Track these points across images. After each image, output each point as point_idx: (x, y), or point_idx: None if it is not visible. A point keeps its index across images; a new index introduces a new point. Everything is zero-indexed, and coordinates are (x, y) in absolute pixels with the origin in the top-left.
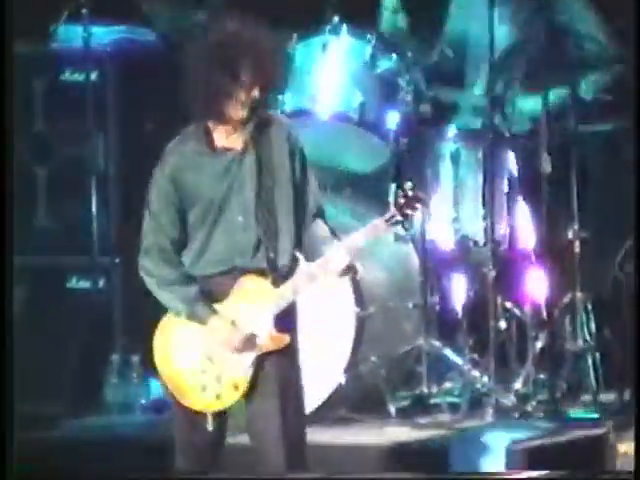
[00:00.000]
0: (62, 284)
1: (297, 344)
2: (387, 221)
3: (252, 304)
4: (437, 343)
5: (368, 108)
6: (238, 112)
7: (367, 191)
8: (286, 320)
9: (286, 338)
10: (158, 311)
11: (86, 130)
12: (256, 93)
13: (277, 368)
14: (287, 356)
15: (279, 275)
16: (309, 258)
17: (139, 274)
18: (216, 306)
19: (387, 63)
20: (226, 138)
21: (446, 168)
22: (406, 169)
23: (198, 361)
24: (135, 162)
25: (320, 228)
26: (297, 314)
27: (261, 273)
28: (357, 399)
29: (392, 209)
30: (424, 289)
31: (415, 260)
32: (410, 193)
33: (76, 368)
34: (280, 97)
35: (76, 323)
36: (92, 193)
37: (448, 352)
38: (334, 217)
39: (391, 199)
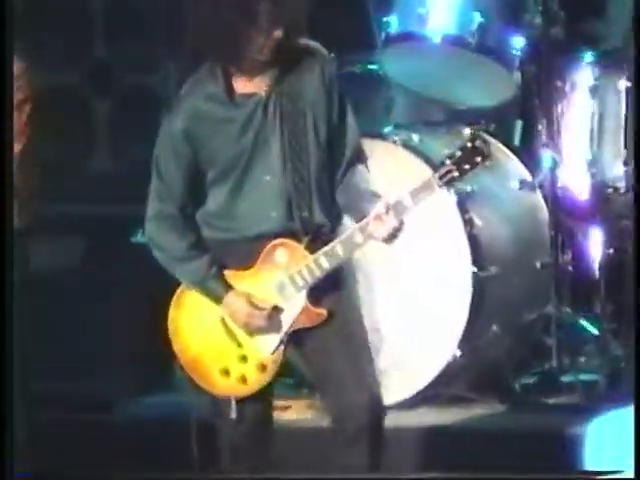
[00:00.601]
0: (126, 238)
1: (351, 318)
2: (441, 177)
3: (282, 273)
4: (570, 310)
5: (488, 31)
6: (257, 55)
7: (487, 129)
8: (327, 292)
9: (323, 313)
10: None
11: (156, 54)
12: (279, 33)
13: (319, 341)
14: (331, 332)
15: (315, 239)
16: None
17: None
18: (236, 277)
19: None
20: (247, 81)
21: (582, 102)
22: (533, 103)
23: (218, 340)
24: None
25: (360, 178)
26: (348, 282)
27: (293, 236)
28: (474, 375)
29: (447, 162)
30: (554, 246)
31: (544, 211)
32: (469, 144)
33: (142, 338)
34: (384, 19)
35: (143, 286)
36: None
37: (583, 321)
38: (444, 154)
39: (449, 151)
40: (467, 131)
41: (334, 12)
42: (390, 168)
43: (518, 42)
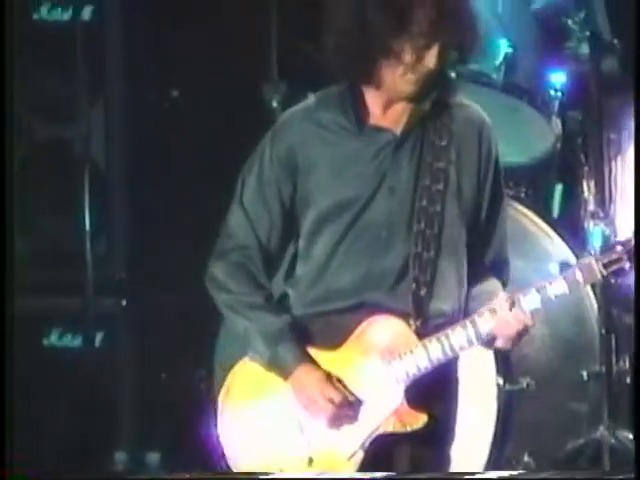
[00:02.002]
0: (38, 340)
1: (451, 429)
2: (606, 265)
3: (378, 357)
4: (628, 435)
5: (519, 64)
6: (399, 82)
7: (516, 195)
8: (431, 391)
9: (422, 418)
10: (188, 385)
11: (74, 98)
12: (431, 62)
13: (406, 460)
14: (425, 445)
15: (427, 324)
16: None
17: (206, 285)
18: (318, 357)
19: None
20: (381, 110)
21: None
22: (578, 160)
23: (277, 433)
24: (151, 149)
25: (491, 289)
26: (456, 383)
27: (402, 316)
28: None
29: (619, 249)
30: (606, 350)
31: (593, 305)
32: None
33: (63, 467)
34: None
35: (58, 403)
36: (84, 195)
37: None
38: None
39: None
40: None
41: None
42: None
43: (558, 79)
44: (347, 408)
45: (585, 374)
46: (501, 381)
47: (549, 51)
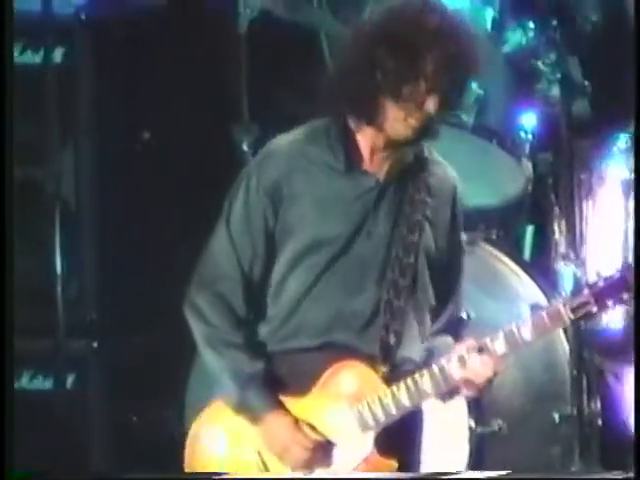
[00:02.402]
0: (7, 383)
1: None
2: (574, 310)
3: (346, 405)
4: (599, 478)
5: (489, 106)
6: (400, 125)
7: (488, 237)
8: (400, 437)
9: (391, 465)
10: (159, 427)
11: (45, 139)
12: (431, 109)
13: None
14: None
15: (395, 370)
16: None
17: (186, 312)
18: (290, 402)
19: (519, 36)
20: (369, 157)
21: (612, 200)
22: (549, 202)
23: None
24: (122, 191)
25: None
26: (422, 430)
27: (369, 361)
28: None
29: (586, 292)
30: (577, 392)
31: (563, 346)
32: (616, 274)
33: None
34: None
35: (29, 445)
36: (55, 237)
37: None
38: None
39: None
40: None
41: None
42: None
43: (528, 121)
44: (318, 455)
45: (557, 416)
46: (473, 423)
47: (520, 93)
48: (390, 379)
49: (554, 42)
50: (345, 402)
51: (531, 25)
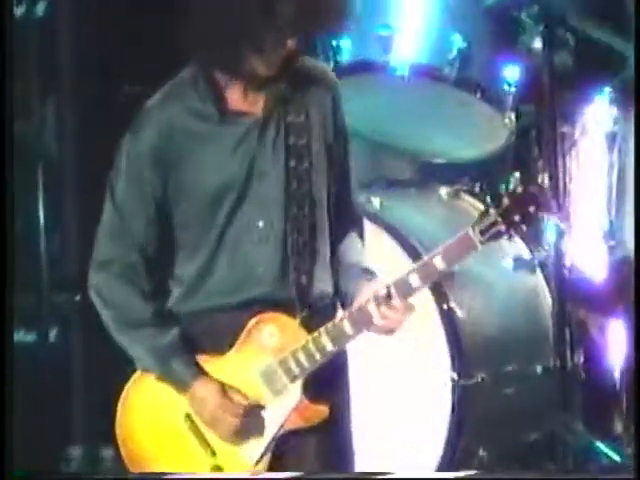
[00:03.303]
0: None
1: (348, 418)
2: (483, 232)
3: (270, 357)
4: (582, 428)
5: (471, 59)
6: (262, 66)
7: (471, 190)
8: (327, 382)
9: (323, 411)
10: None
11: (27, 94)
12: (292, 44)
13: (313, 454)
14: (329, 436)
15: (315, 313)
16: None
17: (90, 297)
18: (210, 363)
19: None
20: (239, 96)
21: (595, 152)
22: (532, 155)
23: (183, 445)
24: (104, 145)
25: (353, 249)
26: (348, 371)
27: (285, 309)
28: None
29: (491, 213)
30: (560, 344)
31: (546, 299)
32: (519, 189)
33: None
34: (334, 42)
35: (14, 398)
36: (38, 192)
37: (599, 443)
38: (420, 228)
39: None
40: (513, 177)
41: None
42: None
43: (511, 74)
44: (249, 419)
45: (539, 368)
46: (455, 376)
47: (502, 46)
48: (310, 324)
49: None
50: (269, 354)
51: None
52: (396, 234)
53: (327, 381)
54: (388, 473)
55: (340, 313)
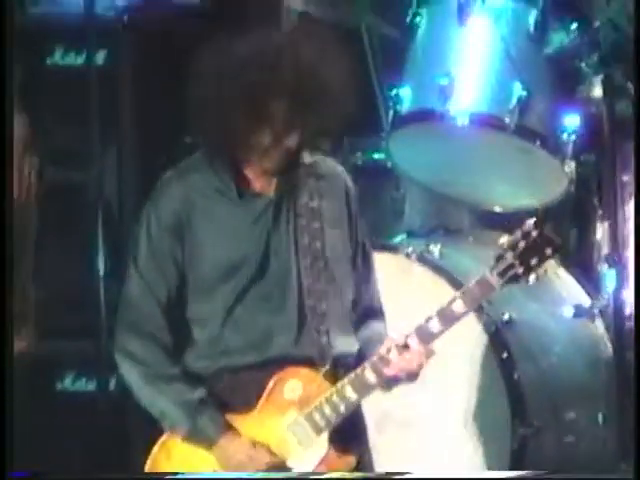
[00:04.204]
0: (51, 385)
1: (372, 466)
2: (501, 275)
3: (295, 411)
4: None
5: (531, 108)
6: (262, 160)
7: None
8: (350, 432)
9: (351, 461)
10: None
11: (87, 143)
12: (292, 142)
13: None
14: None
15: (335, 368)
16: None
17: (119, 361)
18: (239, 419)
19: (562, 36)
20: (255, 177)
21: None
22: (592, 204)
23: None
24: None
25: (376, 331)
26: (364, 419)
27: (309, 364)
28: None
29: (508, 255)
30: (621, 394)
31: (607, 347)
32: (534, 233)
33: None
34: (394, 92)
35: (73, 449)
36: (98, 241)
37: None
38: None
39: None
40: (526, 224)
41: None
42: (402, 290)
43: (571, 122)
44: (276, 469)
45: (600, 417)
46: (516, 424)
47: (562, 94)
48: (333, 377)
49: (596, 43)
50: (294, 409)
51: (573, 26)
52: (454, 281)
53: (351, 431)
54: (401, 473)
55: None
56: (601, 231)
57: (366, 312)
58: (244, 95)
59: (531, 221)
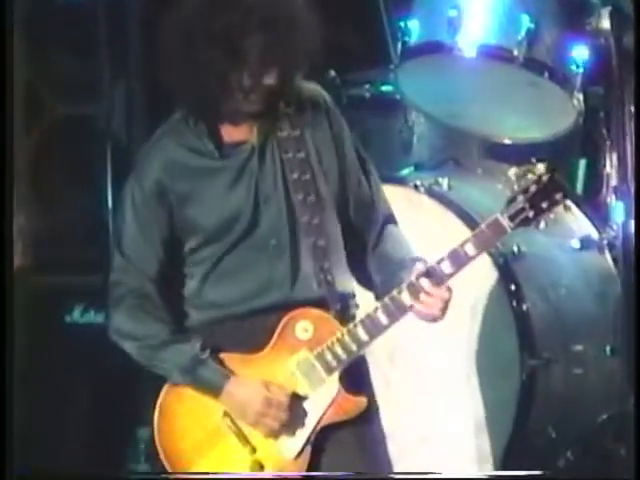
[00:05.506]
0: (59, 317)
1: (378, 409)
2: (512, 218)
3: (306, 351)
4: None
5: (540, 40)
6: (243, 104)
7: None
8: (360, 373)
9: (362, 402)
10: None
11: (96, 76)
12: (271, 80)
13: (352, 446)
14: (365, 426)
15: (344, 309)
16: (382, 288)
17: (112, 337)
18: (244, 362)
19: None
20: (232, 127)
21: None
22: (600, 135)
23: (222, 445)
24: None
25: (396, 243)
26: (367, 363)
27: (319, 304)
28: None
29: (520, 199)
30: (628, 324)
31: (615, 279)
32: (545, 177)
33: (84, 447)
34: (402, 24)
35: (81, 379)
36: (107, 174)
37: None
38: (487, 209)
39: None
40: (537, 168)
41: (334, 14)
42: (411, 222)
43: (580, 54)
44: (292, 409)
45: (608, 349)
46: (524, 356)
47: (570, 26)
48: (344, 317)
49: None
50: (304, 349)
51: None
52: (462, 214)
53: (360, 371)
54: (402, 473)
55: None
56: (610, 163)
57: (384, 222)
58: (214, 41)
59: (542, 165)
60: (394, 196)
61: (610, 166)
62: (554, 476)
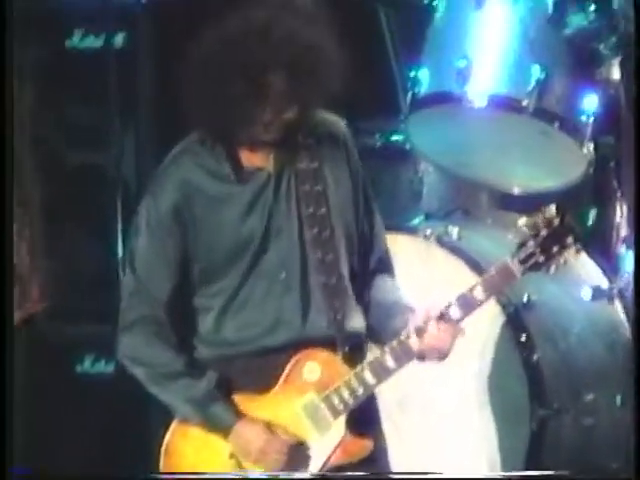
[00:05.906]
0: (70, 367)
1: (386, 452)
2: (522, 262)
3: (312, 394)
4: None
5: (550, 90)
6: (262, 134)
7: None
8: (367, 416)
9: (368, 445)
10: None
11: (106, 124)
12: (291, 115)
13: None
14: (373, 468)
15: (352, 349)
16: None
17: (121, 361)
18: (251, 402)
19: (581, 18)
20: (252, 153)
21: None
22: (610, 185)
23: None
24: None
25: (388, 289)
26: (377, 405)
27: (325, 347)
28: None
29: (530, 244)
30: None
31: (625, 329)
32: (556, 221)
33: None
34: (412, 74)
35: (92, 430)
36: (117, 223)
37: None
38: (497, 259)
39: (525, 228)
40: (547, 210)
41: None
42: (420, 272)
43: (590, 104)
44: (294, 454)
45: (619, 400)
46: (535, 406)
47: (581, 76)
48: (351, 359)
49: (615, 25)
50: (311, 391)
51: (592, 7)
52: (473, 263)
53: (367, 415)
54: (405, 473)
55: (373, 350)
56: (620, 213)
57: (377, 265)
58: (240, 74)
59: (553, 208)
60: (404, 246)
61: (620, 216)
62: None
